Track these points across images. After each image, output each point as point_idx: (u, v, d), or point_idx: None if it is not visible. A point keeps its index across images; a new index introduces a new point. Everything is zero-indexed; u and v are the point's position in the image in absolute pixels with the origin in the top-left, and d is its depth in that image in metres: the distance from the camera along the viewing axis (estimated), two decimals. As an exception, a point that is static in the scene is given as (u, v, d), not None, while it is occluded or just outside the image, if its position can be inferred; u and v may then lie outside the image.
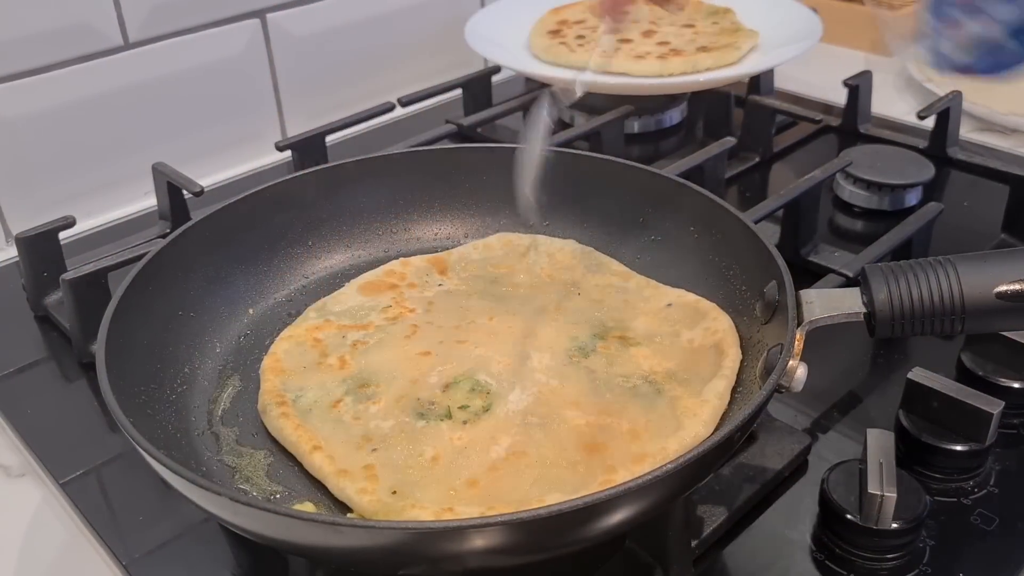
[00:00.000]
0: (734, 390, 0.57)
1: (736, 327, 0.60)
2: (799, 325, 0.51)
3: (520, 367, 0.60)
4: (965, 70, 0.58)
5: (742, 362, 0.58)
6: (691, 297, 0.64)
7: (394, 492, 0.51)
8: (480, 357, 0.61)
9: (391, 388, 0.59)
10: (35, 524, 0.59)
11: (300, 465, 0.55)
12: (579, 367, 0.60)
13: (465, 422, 0.56)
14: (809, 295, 0.53)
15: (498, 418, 0.56)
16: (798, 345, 0.51)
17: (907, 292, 0.50)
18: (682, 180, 0.67)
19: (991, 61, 0.57)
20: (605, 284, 0.68)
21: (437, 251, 0.73)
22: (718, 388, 0.56)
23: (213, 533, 0.56)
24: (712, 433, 0.53)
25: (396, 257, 0.72)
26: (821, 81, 1.09)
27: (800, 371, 0.50)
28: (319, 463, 0.54)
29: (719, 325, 0.61)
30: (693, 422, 0.54)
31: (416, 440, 0.55)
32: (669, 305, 0.64)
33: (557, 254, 0.71)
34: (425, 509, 0.49)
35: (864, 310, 0.51)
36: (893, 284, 0.51)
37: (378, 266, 0.71)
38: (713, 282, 0.64)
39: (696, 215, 0.66)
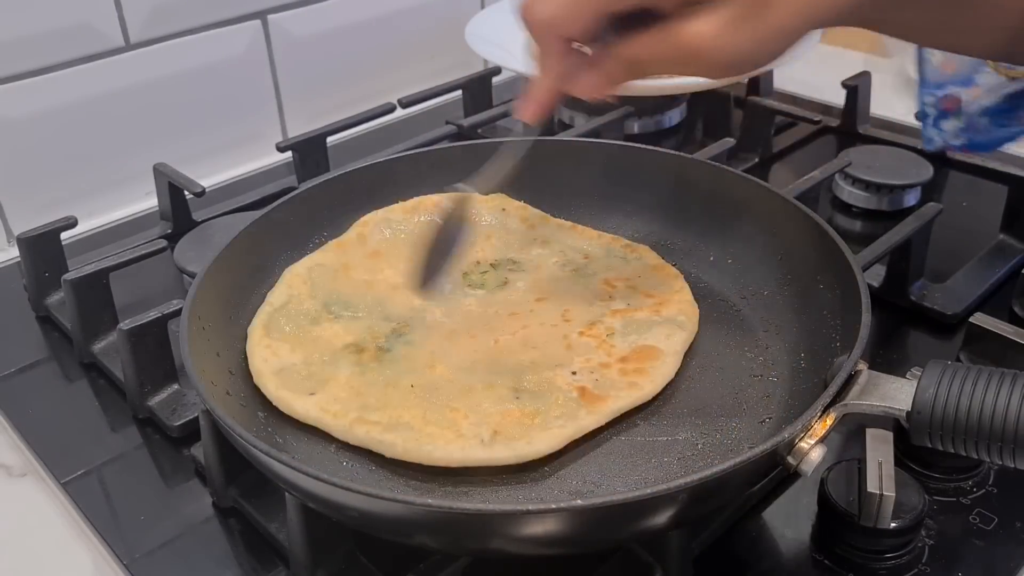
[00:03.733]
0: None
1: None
2: (833, 404, 0.47)
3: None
4: (961, 149, 0.59)
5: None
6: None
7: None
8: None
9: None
10: (36, 524, 0.60)
11: None
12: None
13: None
14: (863, 375, 0.49)
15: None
16: (822, 427, 0.46)
17: (955, 400, 0.45)
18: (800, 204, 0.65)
19: (983, 139, 0.57)
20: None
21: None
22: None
23: (214, 533, 0.57)
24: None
25: None
26: (820, 82, 1.09)
27: (815, 453, 0.46)
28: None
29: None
30: None
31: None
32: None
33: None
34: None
35: (908, 409, 0.46)
36: (946, 386, 0.45)
37: None
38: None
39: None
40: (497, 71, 1.07)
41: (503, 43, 1.09)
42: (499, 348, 0.61)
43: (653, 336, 0.61)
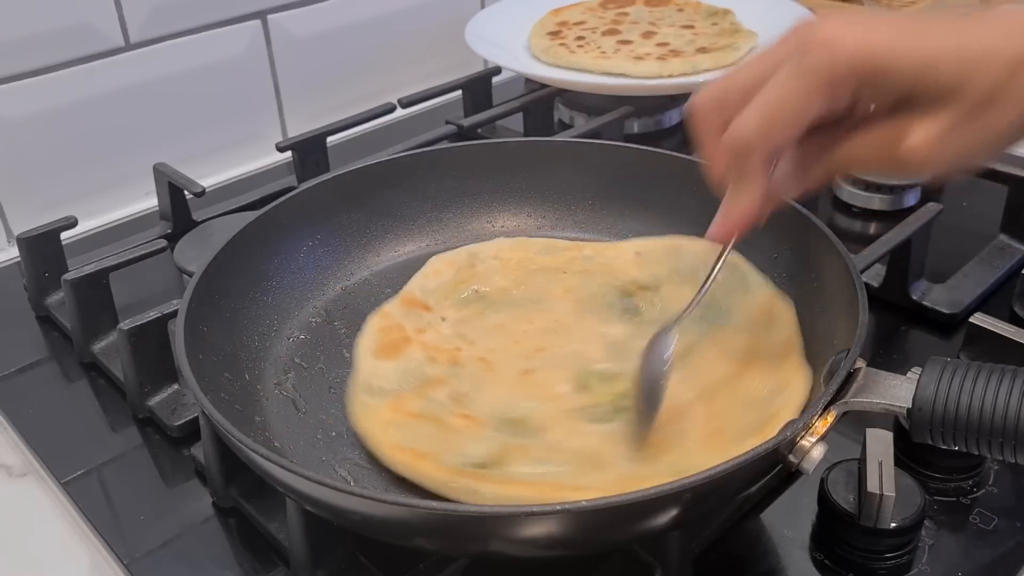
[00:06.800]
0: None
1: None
2: (834, 401, 0.47)
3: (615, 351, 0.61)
4: None
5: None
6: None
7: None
8: (575, 353, 0.61)
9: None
10: (36, 524, 0.60)
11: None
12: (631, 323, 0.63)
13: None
14: (863, 373, 0.49)
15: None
16: (823, 424, 0.46)
17: (956, 396, 0.45)
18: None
19: None
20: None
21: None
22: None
23: (214, 533, 0.57)
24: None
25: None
26: (820, 82, 1.09)
27: (816, 451, 0.46)
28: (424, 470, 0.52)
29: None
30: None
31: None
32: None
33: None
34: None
35: (909, 405, 0.46)
36: (946, 382, 0.45)
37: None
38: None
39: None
40: (497, 71, 1.07)
41: (503, 43, 1.09)
42: None
43: None
